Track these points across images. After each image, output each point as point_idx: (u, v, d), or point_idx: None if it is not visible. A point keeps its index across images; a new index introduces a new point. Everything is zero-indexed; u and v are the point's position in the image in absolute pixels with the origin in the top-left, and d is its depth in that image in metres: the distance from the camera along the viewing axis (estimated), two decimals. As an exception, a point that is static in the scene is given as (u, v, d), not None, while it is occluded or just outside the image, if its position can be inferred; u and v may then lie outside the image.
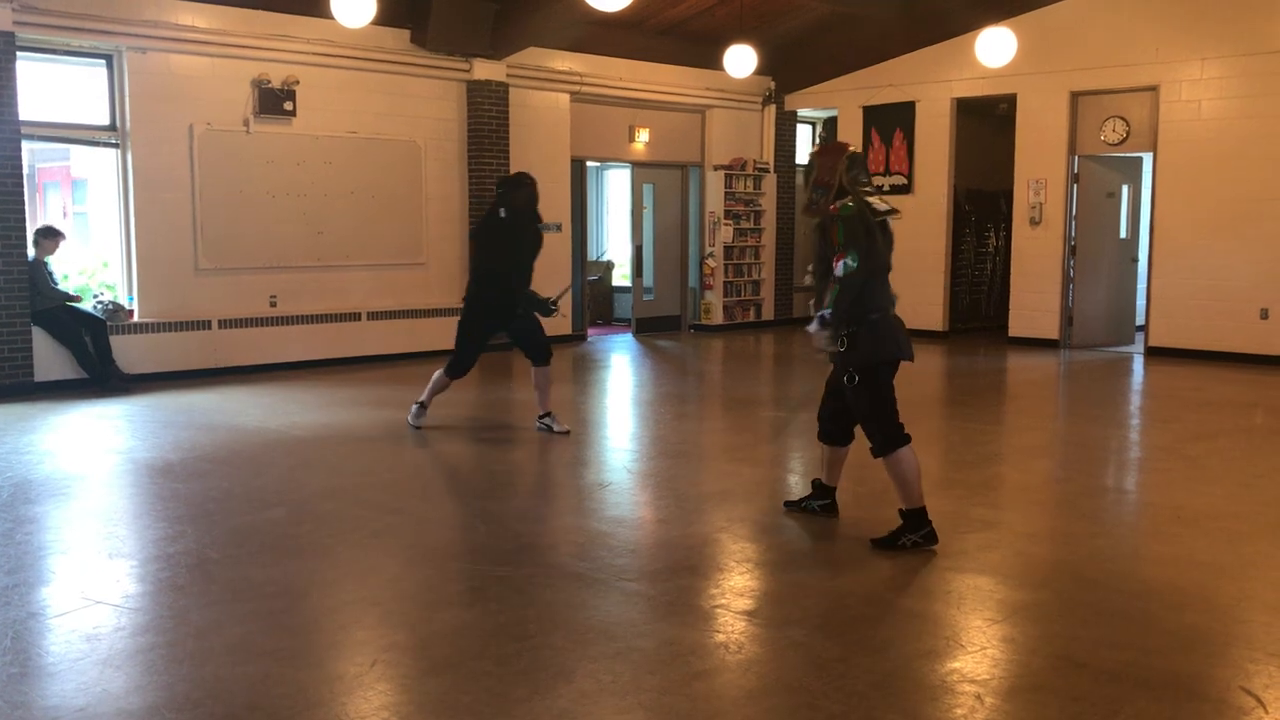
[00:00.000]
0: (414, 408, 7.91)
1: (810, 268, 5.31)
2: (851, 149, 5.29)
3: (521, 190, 7.64)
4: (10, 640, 3.93)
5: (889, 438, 5.06)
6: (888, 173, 14.10)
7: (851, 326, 5.00)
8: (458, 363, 7.71)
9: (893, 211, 5.14)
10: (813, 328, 5.07)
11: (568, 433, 7.74)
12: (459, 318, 7.81)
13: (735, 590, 4.60)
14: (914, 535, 5.07)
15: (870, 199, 5.08)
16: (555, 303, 7.80)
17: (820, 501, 5.70)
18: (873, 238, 4.99)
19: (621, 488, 6.42)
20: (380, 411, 8.64)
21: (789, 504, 5.81)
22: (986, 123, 14.15)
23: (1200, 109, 11.64)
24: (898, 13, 12.97)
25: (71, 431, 7.87)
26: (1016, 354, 12.48)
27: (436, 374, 7.80)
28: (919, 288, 13.66)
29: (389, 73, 11.35)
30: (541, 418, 7.84)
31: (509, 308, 7.60)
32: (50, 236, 9.46)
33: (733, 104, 14.61)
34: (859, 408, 5.13)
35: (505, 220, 7.60)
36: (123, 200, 9.99)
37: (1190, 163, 11.69)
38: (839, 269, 4.91)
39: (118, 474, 6.68)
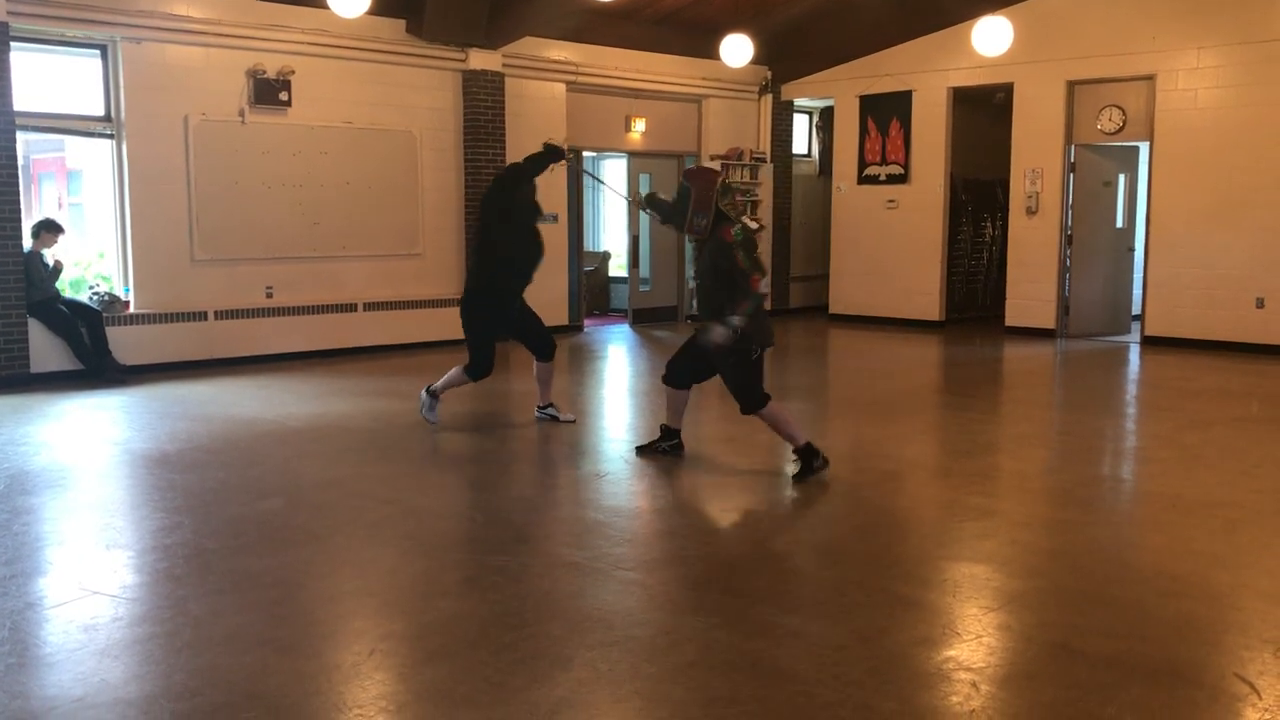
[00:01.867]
0: (426, 399, 7.65)
1: (694, 275, 6.38)
2: (721, 178, 6.28)
3: (524, 183, 7.38)
4: (8, 631, 3.93)
5: (757, 400, 6.16)
6: (884, 162, 14.10)
7: (743, 314, 6.01)
8: (477, 364, 7.45)
9: (760, 228, 6.18)
10: (721, 333, 5.94)
11: (573, 421, 7.73)
12: (481, 317, 7.44)
13: (731, 578, 4.61)
14: (818, 463, 6.07)
15: (742, 218, 6.27)
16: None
17: (669, 442, 6.64)
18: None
19: (618, 477, 6.42)
20: (377, 402, 8.64)
21: (640, 448, 6.71)
22: (983, 112, 14.13)
23: (1197, 98, 11.63)
24: (894, 2, 12.95)
25: (68, 423, 7.86)
26: (1013, 343, 12.49)
27: (456, 370, 7.57)
28: (915, 277, 13.66)
29: (384, 63, 11.32)
30: (544, 408, 7.79)
31: (513, 300, 7.41)
32: (51, 230, 9.44)
33: (729, 94, 14.59)
34: (739, 378, 6.17)
35: (527, 198, 7.36)
36: (118, 191, 9.96)
37: (1187, 152, 11.69)
38: (761, 286, 6.01)
39: (114, 465, 6.68)
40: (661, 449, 6.65)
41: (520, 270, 7.43)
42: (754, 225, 6.36)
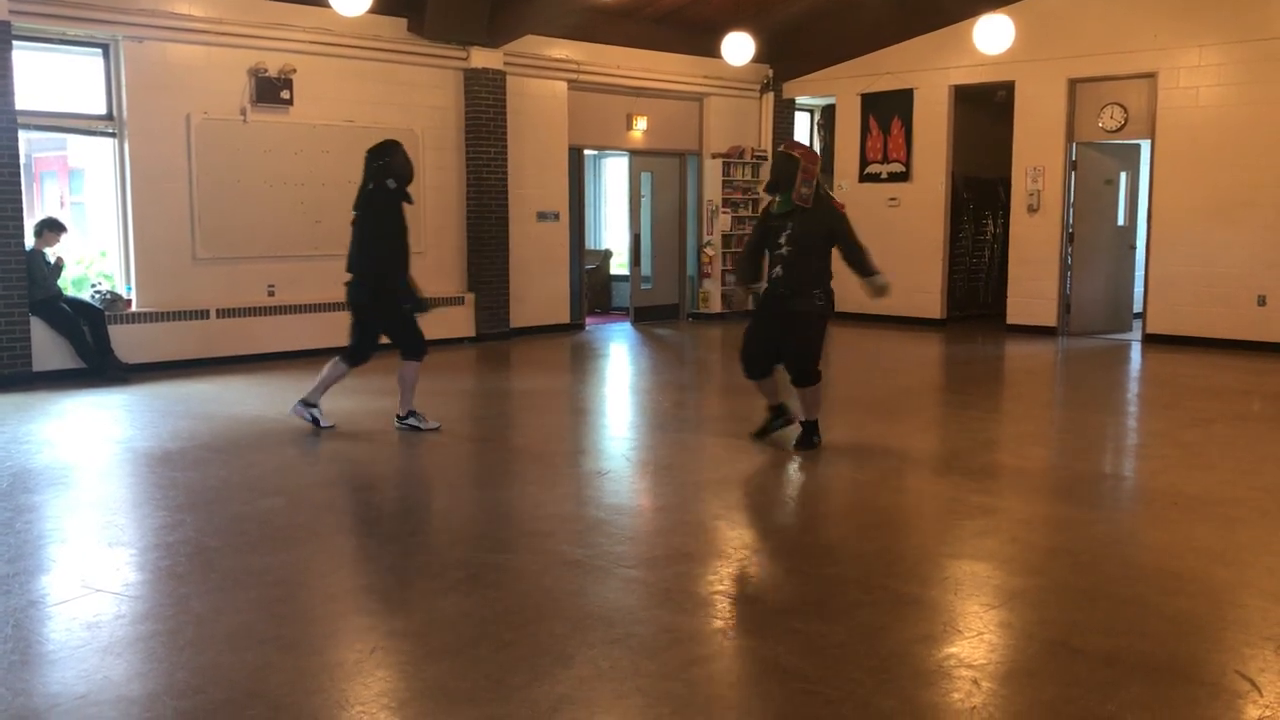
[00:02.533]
0: (301, 407, 7.32)
1: (782, 246, 6.55)
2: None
3: (401, 154, 7.09)
4: (11, 628, 3.94)
5: (817, 373, 6.65)
6: (886, 160, 14.09)
7: (825, 289, 6.57)
8: (361, 351, 7.20)
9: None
10: (881, 285, 6.64)
11: (438, 429, 7.32)
12: (364, 306, 7.17)
13: (733, 576, 4.62)
14: (817, 438, 6.75)
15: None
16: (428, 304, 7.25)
17: (781, 419, 6.95)
18: None
19: (620, 475, 6.43)
20: (378, 400, 8.63)
21: (756, 434, 6.94)
22: (984, 110, 14.12)
23: (1198, 96, 11.62)
24: (895, 0, 12.94)
25: (70, 421, 7.87)
26: (1014, 341, 12.49)
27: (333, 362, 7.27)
28: (917, 275, 13.64)
29: (386, 61, 11.32)
30: (404, 419, 7.28)
31: (392, 293, 7.05)
32: (53, 229, 9.45)
33: (731, 92, 14.59)
34: (815, 348, 6.64)
35: (398, 191, 7.05)
36: (120, 190, 9.97)
37: (1188, 150, 11.69)
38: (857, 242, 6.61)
39: (117, 463, 6.69)
40: (776, 427, 6.97)
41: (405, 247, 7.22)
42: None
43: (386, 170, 7.10)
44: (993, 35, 10.73)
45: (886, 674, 3.56)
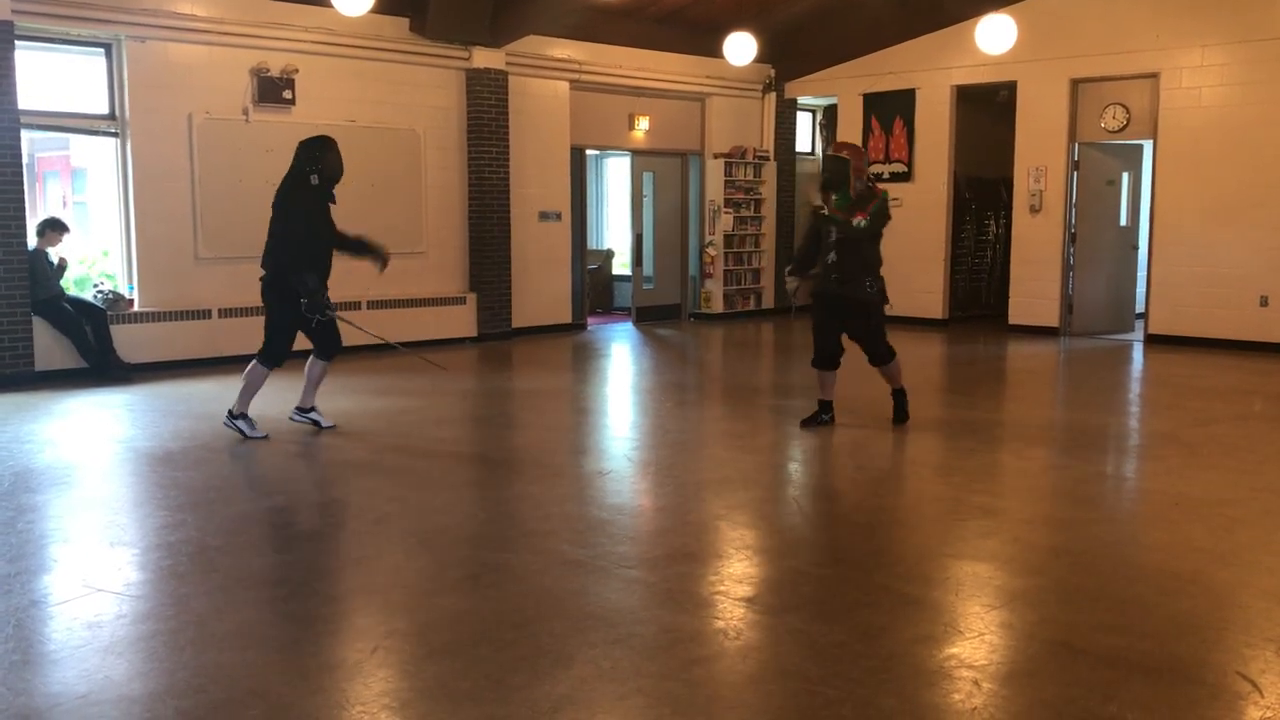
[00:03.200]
0: (233, 420, 7.14)
1: (836, 236, 7.07)
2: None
3: (335, 153, 6.98)
4: (12, 628, 3.95)
5: (890, 350, 7.31)
6: (888, 160, 14.08)
7: (875, 276, 7.18)
8: (275, 352, 7.07)
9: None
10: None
11: (334, 427, 7.31)
12: (272, 305, 7.00)
13: (734, 577, 4.62)
14: (908, 408, 7.51)
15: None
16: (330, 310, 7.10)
17: (829, 414, 7.42)
18: None
19: (621, 475, 6.43)
20: (379, 400, 8.65)
21: (803, 422, 7.42)
22: (986, 110, 14.12)
23: (1201, 96, 11.61)
24: (897, 0, 12.93)
25: (72, 420, 7.88)
26: (1016, 341, 12.48)
27: (251, 366, 7.12)
28: (919, 275, 13.63)
29: (388, 61, 11.32)
30: (306, 411, 7.32)
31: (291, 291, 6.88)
32: (56, 229, 9.46)
33: (733, 92, 14.59)
34: (880, 331, 7.25)
35: (320, 189, 6.90)
36: (122, 190, 9.98)
37: (1191, 150, 11.68)
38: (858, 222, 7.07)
39: (118, 462, 6.70)
40: (823, 420, 7.41)
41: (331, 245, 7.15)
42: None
43: (313, 164, 6.97)
44: (995, 35, 10.73)
45: (887, 674, 3.56)
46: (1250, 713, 3.31)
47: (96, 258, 11.03)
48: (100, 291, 9.87)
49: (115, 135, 9.91)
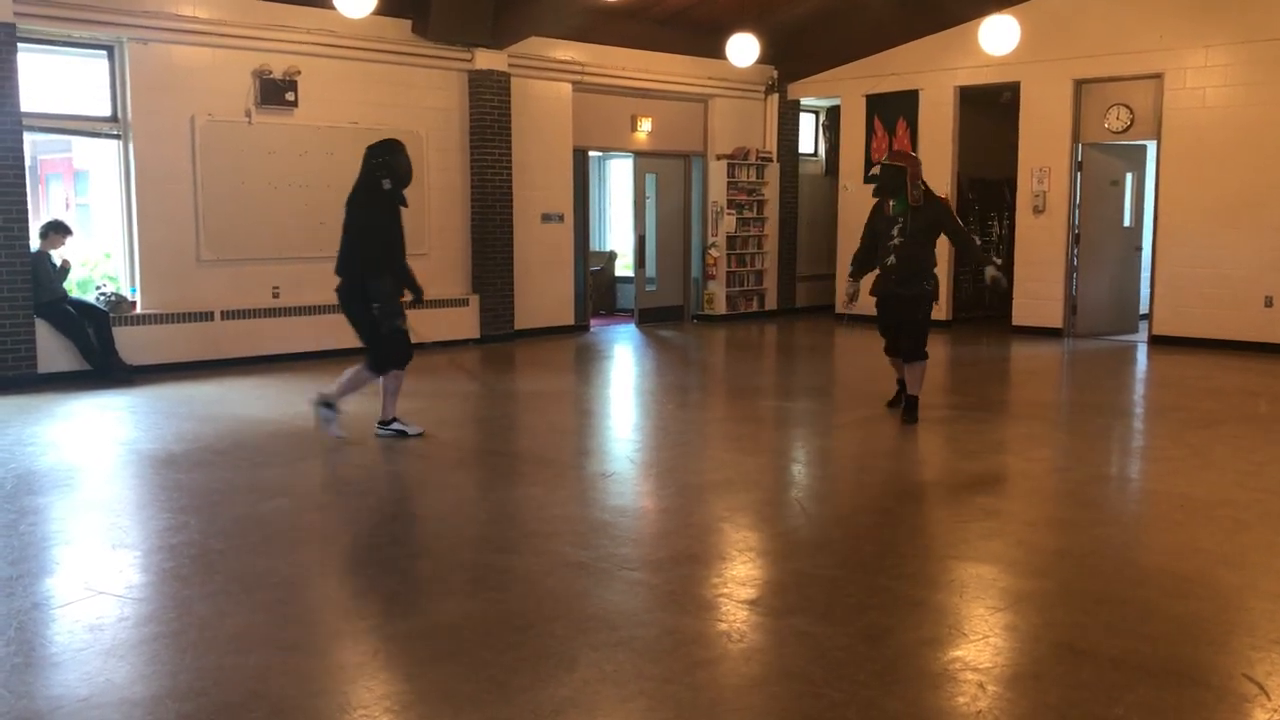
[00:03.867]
0: (323, 410, 7.05)
1: (897, 237, 7.44)
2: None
3: (404, 156, 6.88)
4: (14, 631, 3.94)
5: (925, 351, 7.61)
6: (891, 161, 14.05)
7: (931, 276, 7.51)
8: (388, 353, 6.99)
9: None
10: (996, 274, 7.77)
11: (422, 434, 7.22)
12: (355, 312, 6.93)
13: (737, 579, 4.61)
14: (918, 412, 7.69)
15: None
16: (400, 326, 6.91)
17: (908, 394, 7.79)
18: None
19: (624, 477, 6.42)
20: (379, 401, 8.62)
21: (890, 403, 8.03)
22: (990, 111, 14.10)
23: (1205, 96, 11.59)
24: (900, 1, 12.92)
25: (75, 423, 7.88)
26: (1020, 343, 12.46)
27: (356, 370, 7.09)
28: (922, 277, 13.58)
29: (391, 63, 11.33)
30: (388, 424, 7.17)
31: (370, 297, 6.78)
32: (58, 231, 9.46)
33: (735, 93, 14.58)
34: (922, 327, 7.55)
35: (393, 192, 6.81)
36: (125, 192, 9.98)
37: (1195, 151, 11.66)
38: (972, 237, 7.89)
39: (121, 465, 6.69)
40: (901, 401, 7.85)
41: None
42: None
43: (384, 169, 6.89)
44: (998, 36, 10.70)
45: (891, 677, 3.54)
46: (1256, 715, 3.30)
47: (99, 260, 11.04)
48: (102, 293, 9.87)
49: (117, 137, 9.92)
